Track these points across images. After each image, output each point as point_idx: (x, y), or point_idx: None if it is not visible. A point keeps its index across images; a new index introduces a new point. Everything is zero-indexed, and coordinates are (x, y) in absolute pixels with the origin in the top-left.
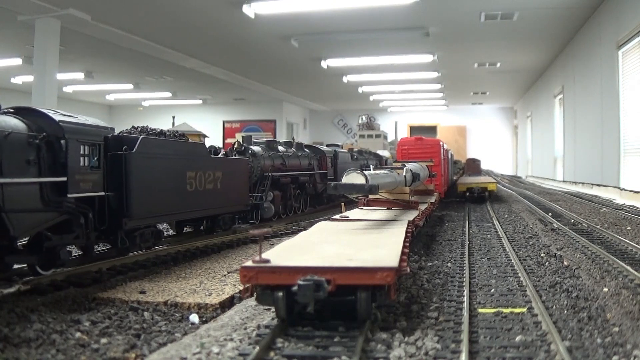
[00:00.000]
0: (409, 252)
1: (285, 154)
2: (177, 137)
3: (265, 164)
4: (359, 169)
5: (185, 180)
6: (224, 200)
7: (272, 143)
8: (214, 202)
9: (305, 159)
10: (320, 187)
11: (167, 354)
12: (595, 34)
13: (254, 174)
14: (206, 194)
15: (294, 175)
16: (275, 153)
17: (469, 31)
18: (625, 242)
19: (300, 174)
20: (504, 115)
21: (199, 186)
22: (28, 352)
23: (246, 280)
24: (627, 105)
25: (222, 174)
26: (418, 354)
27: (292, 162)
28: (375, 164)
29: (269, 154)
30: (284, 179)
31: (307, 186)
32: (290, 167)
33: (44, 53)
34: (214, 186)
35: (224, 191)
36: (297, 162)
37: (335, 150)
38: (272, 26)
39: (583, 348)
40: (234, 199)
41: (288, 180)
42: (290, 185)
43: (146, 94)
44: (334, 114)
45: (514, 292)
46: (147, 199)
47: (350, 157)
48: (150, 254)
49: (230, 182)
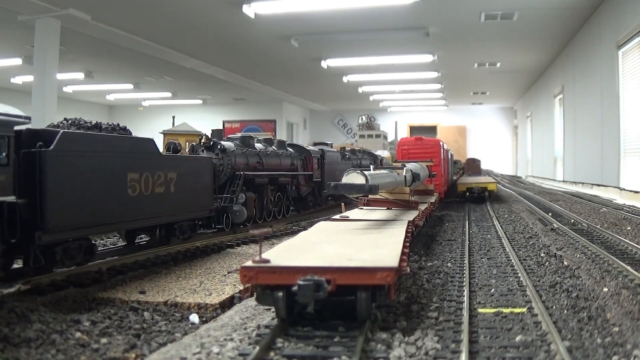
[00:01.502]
0: (409, 252)
1: (262, 151)
2: (117, 131)
3: (237, 161)
4: (359, 169)
5: (125, 184)
6: (180, 206)
7: (248, 139)
8: (165, 208)
9: (287, 159)
10: (305, 189)
11: (167, 354)
12: (595, 34)
13: (223, 172)
14: (155, 199)
15: (272, 176)
16: (251, 150)
17: (469, 31)
18: (625, 242)
19: (281, 175)
20: (504, 115)
21: (144, 190)
22: (28, 352)
23: (246, 280)
24: (627, 105)
25: (177, 175)
26: (418, 354)
27: (271, 161)
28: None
29: (243, 150)
30: (260, 179)
31: (289, 188)
32: (268, 166)
33: (44, 53)
34: (166, 189)
35: (179, 195)
36: (277, 162)
37: (322, 150)
38: (272, 26)
39: (583, 348)
40: (193, 204)
41: (265, 180)
42: (268, 186)
43: (146, 94)
44: (334, 114)
45: (514, 292)
46: (70, 207)
47: (340, 157)
48: (150, 253)
49: (188, 184)
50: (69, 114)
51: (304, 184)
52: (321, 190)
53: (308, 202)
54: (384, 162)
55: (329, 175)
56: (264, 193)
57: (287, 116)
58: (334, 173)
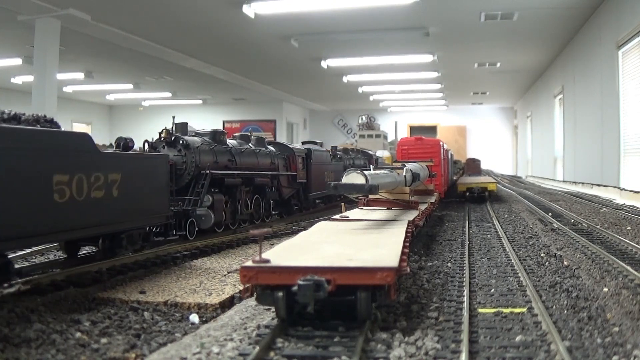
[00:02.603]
0: (409, 252)
1: (235, 149)
2: (41, 123)
3: (203, 159)
4: (359, 169)
5: (50, 187)
6: (127, 212)
7: (219, 135)
8: (107, 216)
9: (265, 157)
10: (288, 191)
11: (167, 354)
12: (595, 34)
13: (186, 172)
14: (92, 205)
15: (247, 176)
16: (221, 147)
17: (469, 31)
18: (625, 242)
19: (257, 175)
20: (504, 115)
21: (77, 195)
22: (28, 352)
23: (246, 280)
24: (627, 105)
25: (121, 176)
26: (418, 354)
27: (246, 159)
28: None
29: (211, 147)
30: (231, 179)
31: (268, 190)
32: (242, 165)
33: (44, 53)
34: (107, 193)
35: (125, 199)
36: (254, 160)
37: (308, 149)
38: (272, 26)
39: (583, 348)
40: (144, 209)
41: (237, 181)
42: (242, 187)
43: (146, 94)
44: (334, 114)
45: (514, 292)
46: None
47: (329, 157)
48: (150, 254)
49: (137, 187)
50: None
51: (286, 186)
52: (307, 193)
53: (291, 205)
54: (379, 161)
55: (316, 176)
56: (237, 195)
57: (287, 116)
58: (322, 174)
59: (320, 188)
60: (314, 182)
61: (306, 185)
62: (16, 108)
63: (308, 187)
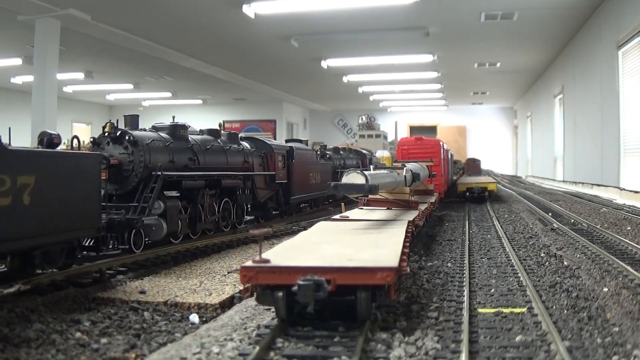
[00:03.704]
0: (409, 252)
1: (198, 146)
2: None
3: (155, 158)
4: (359, 169)
5: None
6: (42, 224)
7: (179, 129)
8: (13, 229)
9: (236, 155)
10: (265, 193)
11: (167, 354)
12: (595, 34)
13: (133, 173)
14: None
15: (212, 177)
16: (179, 144)
17: (469, 31)
18: (625, 242)
19: (225, 176)
20: (504, 115)
21: None
22: (28, 352)
23: (246, 280)
24: (627, 105)
25: (35, 179)
26: (418, 354)
27: (212, 158)
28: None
29: (166, 143)
30: (191, 181)
31: (240, 193)
32: (207, 164)
33: (44, 53)
34: (15, 201)
35: (40, 208)
36: (222, 159)
37: (290, 147)
38: (272, 26)
39: (583, 348)
40: (66, 220)
41: (199, 183)
42: (205, 191)
43: (146, 94)
44: (334, 114)
45: (514, 292)
46: None
47: (315, 157)
48: (150, 254)
49: (57, 193)
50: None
51: (263, 187)
52: (288, 195)
53: (269, 209)
54: (374, 161)
55: (299, 177)
56: (199, 199)
57: (287, 116)
58: (306, 175)
59: (305, 190)
60: (297, 183)
61: (287, 186)
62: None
63: (289, 188)
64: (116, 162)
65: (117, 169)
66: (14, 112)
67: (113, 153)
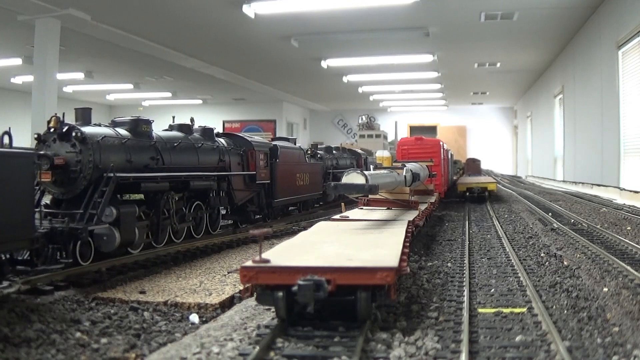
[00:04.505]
0: (409, 252)
1: (163, 143)
2: None
3: (107, 157)
4: (359, 169)
5: None
6: None
7: (141, 124)
8: None
9: (210, 153)
10: (243, 195)
11: (167, 354)
12: (595, 34)
13: (81, 174)
14: None
15: (178, 178)
16: (140, 141)
17: (469, 31)
18: (625, 242)
19: (195, 177)
20: (504, 115)
21: None
22: (28, 352)
23: (246, 280)
24: (627, 105)
25: None
26: (418, 354)
27: (179, 157)
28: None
29: (123, 140)
30: (152, 183)
31: (214, 195)
32: (173, 164)
33: (44, 53)
34: None
35: None
36: (192, 158)
37: (274, 145)
38: (272, 26)
39: (583, 348)
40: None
41: (163, 186)
42: (171, 194)
43: (146, 94)
44: (334, 114)
45: (514, 292)
46: None
47: (303, 156)
48: (150, 254)
49: None
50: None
51: (241, 188)
52: (271, 197)
53: (249, 212)
54: (368, 160)
55: (285, 177)
56: (162, 204)
57: (287, 116)
58: (292, 176)
59: (291, 192)
60: (281, 184)
61: (270, 187)
62: (16, 108)
63: (273, 190)
64: (61, 162)
65: (63, 170)
66: (14, 112)
67: (59, 151)
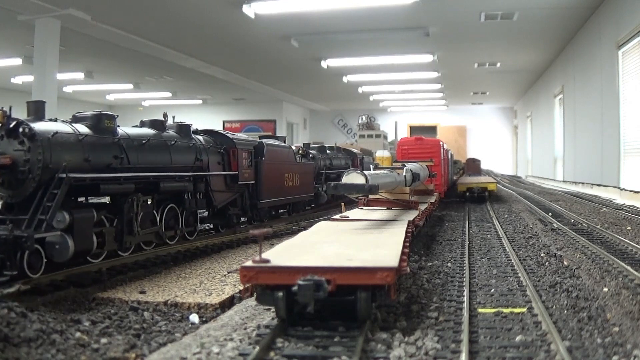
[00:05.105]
0: (409, 252)
1: (130, 140)
2: None
3: (59, 156)
4: (359, 169)
5: None
6: None
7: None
8: None
9: (185, 152)
10: (224, 197)
11: (167, 354)
12: (595, 34)
13: (30, 175)
14: None
15: (147, 179)
16: (102, 137)
17: (469, 31)
18: (625, 242)
19: (166, 177)
20: (504, 115)
21: None
22: (28, 352)
23: (246, 280)
24: (627, 105)
25: None
26: (418, 354)
27: (149, 155)
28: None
29: (80, 137)
30: (114, 185)
31: (189, 197)
32: (140, 163)
33: (44, 53)
34: None
35: None
36: (164, 157)
37: (260, 142)
38: (272, 26)
39: (583, 348)
40: None
41: (127, 187)
42: (137, 197)
43: (146, 94)
44: (334, 114)
45: (514, 292)
46: None
47: (293, 155)
48: (150, 254)
49: None
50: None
51: (221, 189)
52: (256, 199)
53: (230, 216)
54: (365, 160)
55: (271, 177)
56: (126, 208)
57: (287, 116)
58: (280, 176)
59: (279, 193)
60: (268, 185)
61: (254, 188)
62: (16, 108)
63: (258, 191)
64: (7, 162)
65: (10, 171)
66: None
67: (6, 150)
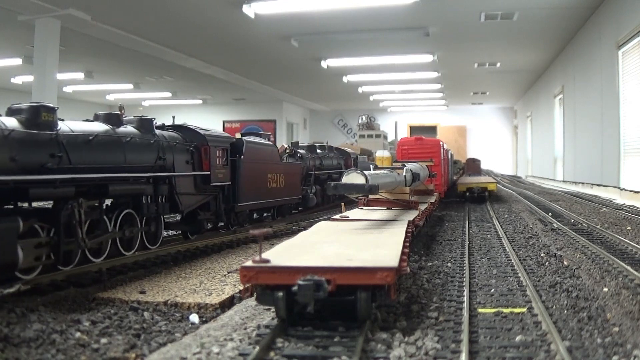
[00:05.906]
0: (409, 252)
1: (73, 136)
2: None
3: None
4: (359, 169)
5: None
6: None
7: (39, 112)
8: None
9: (145, 149)
10: (194, 201)
11: (167, 354)
12: (595, 34)
13: None
14: None
15: (92, 181)
16: (36, 134)
17: (469, 31)
18: (625, 242)
19: (116, 179)
20: (504, 115)
21: None
22: (28, 352)
23: (246, 280)
24: (627, 105)
25: None
26: (418, 354)
27: (96, 154)
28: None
29: (6, 133)
30: (48, 188)
31: (147, 203)
32: (85, 163)
33: (44, 53)
34: None
35: None
36: (116, 155)
37: (239, 139)
38: (272, 26)
39: (583, 348)
40: None
41: (66, 191)
42: (80, 202)
43: (146, 94)
44: (334, 114)
45: (514, 292)
46: None
47: (277, 154)
48: (150, 254)
49: None
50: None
51: (189, 192)
52: (233, 202)
53: (201, 221)
54: (358, 160)
55: (251, 178)
56: (66, 215)
57: (287, 116)
58: (262, 176)
59: (260, 196)
60: (247, 186)
61: (231, 190)
62: None
63: (235, 193)
64: None
65: None
66: None
67: None
